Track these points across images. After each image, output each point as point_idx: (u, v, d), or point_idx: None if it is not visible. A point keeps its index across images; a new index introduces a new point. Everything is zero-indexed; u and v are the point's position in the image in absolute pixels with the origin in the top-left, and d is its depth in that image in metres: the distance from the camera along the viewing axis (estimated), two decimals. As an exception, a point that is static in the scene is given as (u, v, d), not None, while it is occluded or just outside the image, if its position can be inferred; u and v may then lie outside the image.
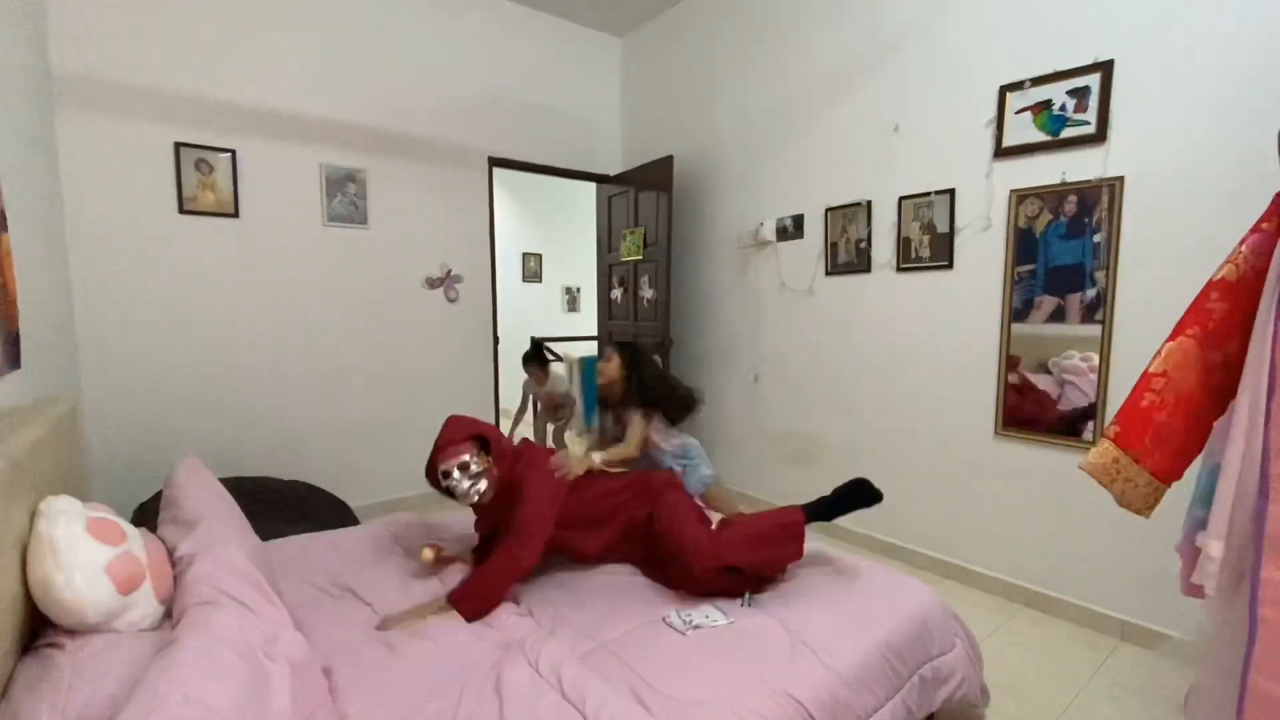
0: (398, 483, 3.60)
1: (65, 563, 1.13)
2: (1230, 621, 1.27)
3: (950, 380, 2.76)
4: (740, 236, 3.69)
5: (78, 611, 1.13)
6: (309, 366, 3.36)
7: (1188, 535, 1.41)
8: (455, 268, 3.84)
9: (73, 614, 1.13)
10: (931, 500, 2.88)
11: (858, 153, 3.07)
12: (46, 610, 1.14)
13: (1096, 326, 2.29)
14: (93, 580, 1.15)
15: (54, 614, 1.14)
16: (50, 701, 0.95)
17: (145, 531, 1.55)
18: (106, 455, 2.81)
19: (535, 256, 7.08)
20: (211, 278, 3.04)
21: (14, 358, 1.70)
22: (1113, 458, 1.39)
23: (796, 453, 3.50)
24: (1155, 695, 1.97)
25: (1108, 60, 2.21)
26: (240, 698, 0.98)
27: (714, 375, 3.99)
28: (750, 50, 3.57)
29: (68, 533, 1.18)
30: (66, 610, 1.12)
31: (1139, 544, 2.20)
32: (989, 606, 2.56)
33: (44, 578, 1.12)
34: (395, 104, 3.52)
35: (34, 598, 1.15)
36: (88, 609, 1.13)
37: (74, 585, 1.12)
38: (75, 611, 1.13)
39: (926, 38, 2.75)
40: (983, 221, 2.60)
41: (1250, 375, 1.22)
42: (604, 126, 4.51)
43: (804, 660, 1.45)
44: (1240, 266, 1.29)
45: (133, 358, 2.86)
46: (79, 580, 1.13)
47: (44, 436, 1.45)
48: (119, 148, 2.77)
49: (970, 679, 1.76)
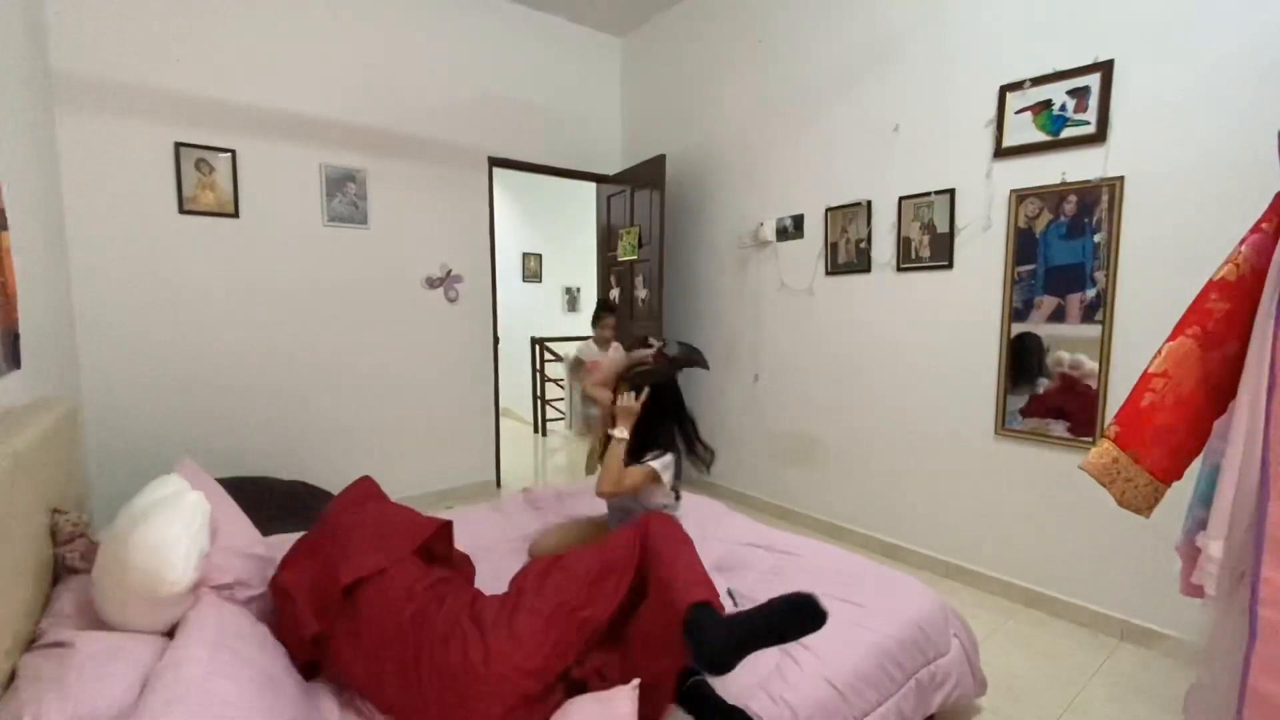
0: (397, 483, 3.57)
1: (192, 536, 1.24)
2: (1230, 621, 1.27)
3: (950, 380, 2.76)
4: (740, 236, 3.69)
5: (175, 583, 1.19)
6: (309, 366, 3.36)
7: (1188, 535, 1.41)
8: (455, 268, 3.84)
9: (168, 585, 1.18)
10: (931, 500, 2.88)
11: (858, 153, 3.06)
12: (138, 569, 1.17)
13: (1096, 326, 2.29)
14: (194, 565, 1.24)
15: (144, 577, 1.17)
16: (59, 698, 0.96)
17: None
18: (106, 455, 2.80)
19: (535, 256, 7.08)
20: (211, 278, 3.04)
21: (14, 358, 1.70)
22: (1112, 458, 1.39)
23: (796, 453, 3.50)
24: (1155, 695, 1.97)
25: (1108, 60, 2.21)
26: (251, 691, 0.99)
27: (714, 375, 3.98)
28: (750, 50, 3.57)
29: (202, 513, 1.31)
30: (163, 580, 1.17)
31: (1139, 544, 2.20)
32: (989, 606, 2.55)
33: (166, 540, 1.20)
34: (395, 104, 3.53)
35: (134, 553, 1.18)
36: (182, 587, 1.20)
37: (188, 562, 1.21)
38: (172, 583, 1.18)
39: (926, 38, 2.75)
40: (983, 221, 2.60)
41: (1250, 375, 1.22)
42: (604, 126, 4.51)
43: (792, 668, 1.44)
44: (1240, 266, 1.28)
45: (133, 358, 2.86)
46: (193, 560, 1.23)
47: (44, 436, 1.45)
48: (119, 148, 2.77)
49: (967, 680, 1.76)
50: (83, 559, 1.45)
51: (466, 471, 3.96)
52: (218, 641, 1.13)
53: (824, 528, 3.34)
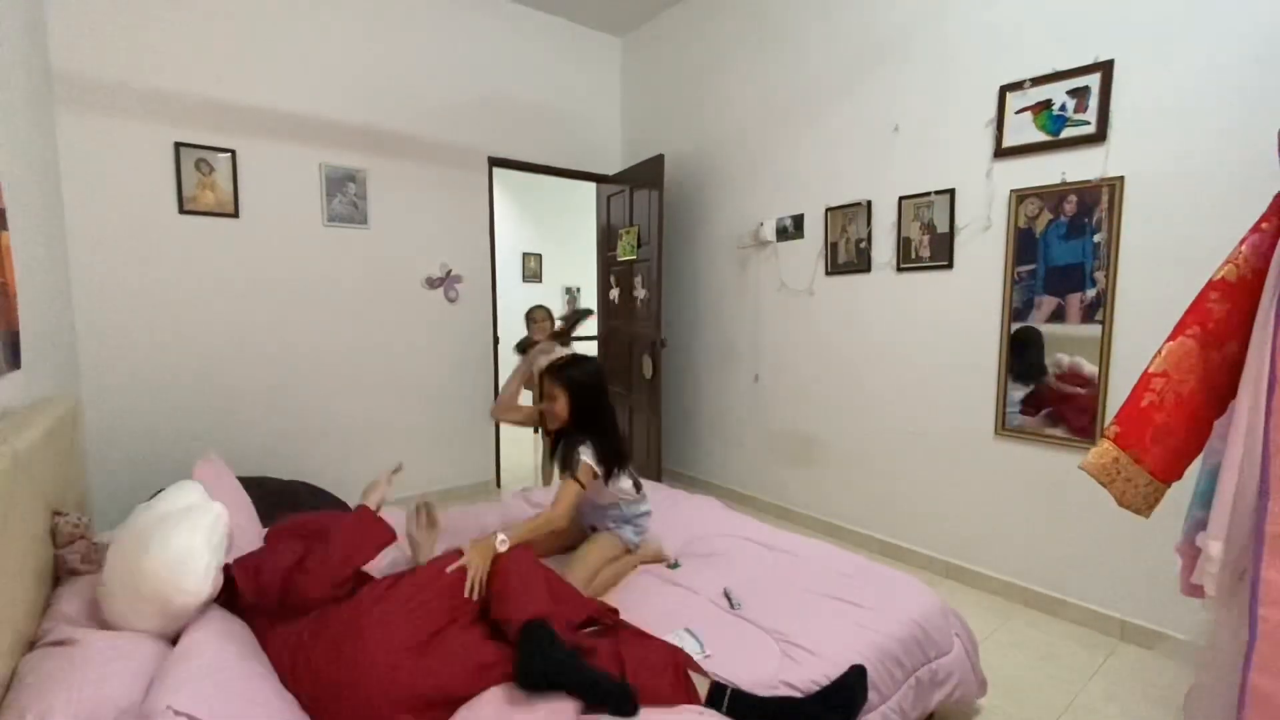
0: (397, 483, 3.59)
1: (212, 549, 1.26)
2: (1230, 621, 1.27)
3: (950, 380, 2.76)
4: (740, 236, 3.70)
5: (192, 595, 1.20)
6: (309, 366, 3.36)
7: (1188, 535, 1.41)
8: (455, 267, 3.84)
9: (184, 595, 1.20)
10: (931, 500, 2.88)
11: (858, 153, 3.07)
12: (155, 577, 1.18)
13: (1096, 326, 2.29)
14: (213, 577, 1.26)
15: (160, 585, 1.18)
16: (64, 696, 0.96)
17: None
18: (106, 455, 2.80)
19: (535, 256, 7.08)
20: (211, 278, 3.04)
21: (14, 358, 1.70)
22: (1113, 457, 1.39)
23: (797, 453, 3.50)
24: (1155, 695, 1.97)
25: (1108, 60, 2.21)
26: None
27: (714, 375, 3.99)
28: (750, 50, 3.57)
29: (224, 525, 1.34)
30: (180, 590, 1.19)
31: (1139, 544, 2.20)
32: (989, 606, 2.56)
33: (190, 552, 1.22)
34: (395, 104, 3.53)
35: (153, 561, 1.19)
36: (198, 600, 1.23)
37: (207, 576, 1.23)
38: (190, 594, 1.20)
39: (926, 38, 2.75)
40: (983, 221, 2.60)
41: (1250, 375, 1.22)
42: (604, 126, 4.51)
43: (793, 667, 1.45)
44: (1240, 266, 1.29)
45: (133, 358, 2.86)
46: (211, 574, 1.25)
47: (44, 436, 1.45)
48: (119, 148, 2.77)
49: (968, 680, 1.76)
50: (84, 561, 1.45)
51: (466, 471, 3.97)
52: (225, 636, 1.15)
53: (824, 528, 3.34)
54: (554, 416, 2.01)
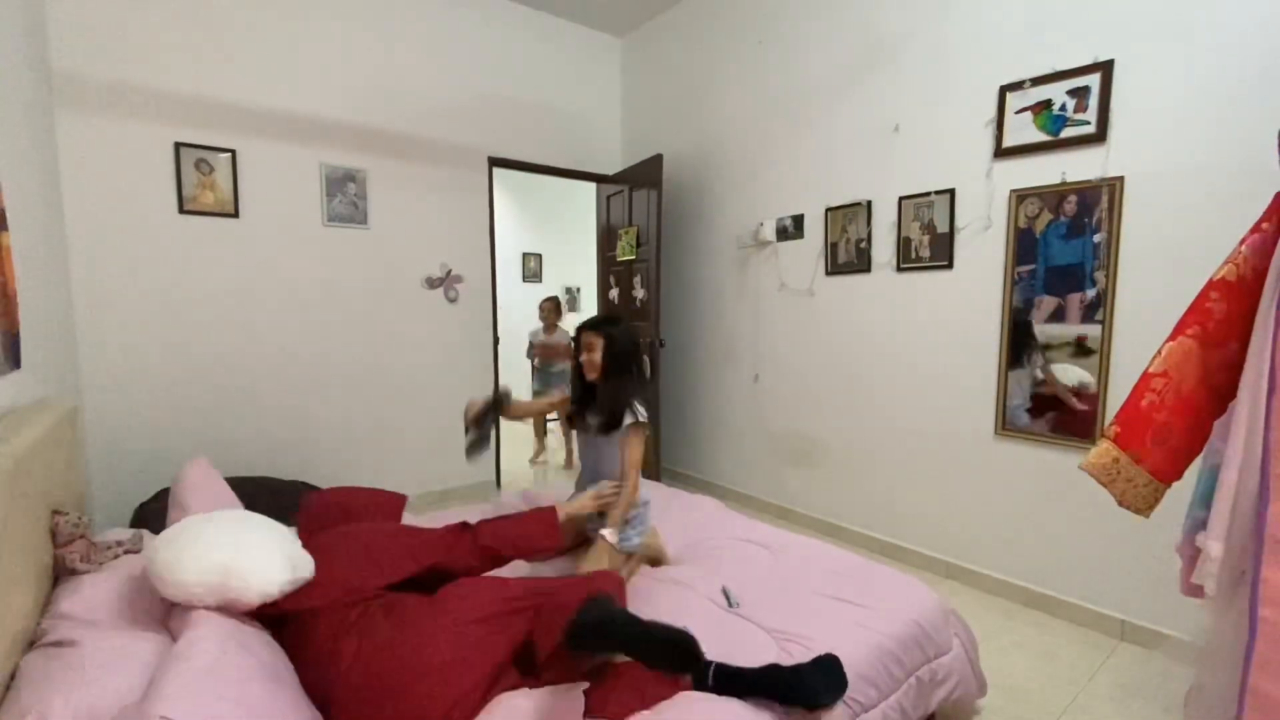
0: (398, 483, 3.59)
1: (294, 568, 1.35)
2: (1230, 621, 1.27)
3: (950, 380, 2.76)
4: (740, 236, 3.70)
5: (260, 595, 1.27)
6: (309, 366, 3.36)
7: (1188, 535, 1.41)
8: (455, 268, 3.84)
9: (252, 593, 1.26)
10: (932, 500, 2.88)
11: (858, 153, 3.07)
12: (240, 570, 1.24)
13: (1096, 326, 2.29)
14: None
15: (236, 580, 1.24)
16: (64, 696, 0.96)
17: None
18: (106, 455, 2.80)
19: (535, 256, 7.08)
20: (211, 278, 3.04)
21: (14, 358, 1.70)
22: (1113, 458, 1.39)
23: (797, 453, 3.50)
24: (1155, 695, 1.97)
25: (1108, 60, 2.21)
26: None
27: (714, 375, 3.99)
28: (750, 50, 3.57)
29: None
30: (250, 589, 1.25)
31: (1139, 544, 2.20)
32: (989, 606, 2.56)
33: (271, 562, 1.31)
34: (395, 104, 3.53)
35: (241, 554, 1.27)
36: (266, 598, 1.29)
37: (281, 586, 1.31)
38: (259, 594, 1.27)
39: (926, 38, 2.75)
40: (983, 221, 2.60)
41: (1250, 375, 1.22)
42: (604, 126, 4.51)
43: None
44: (1240, 266, 1.29)
45: (133, 358, 2.86)
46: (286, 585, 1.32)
47: (44, 437, 1.45)
48: (119, 148, 2.77)
49: (968, 679, 1.76)
50: (83, 561, 1.45)
51: (466, 471, 3.96)
52: (225, 635, 1.15)
53: (824, 527, 3.34)
54: (591, 366, 2.11)
